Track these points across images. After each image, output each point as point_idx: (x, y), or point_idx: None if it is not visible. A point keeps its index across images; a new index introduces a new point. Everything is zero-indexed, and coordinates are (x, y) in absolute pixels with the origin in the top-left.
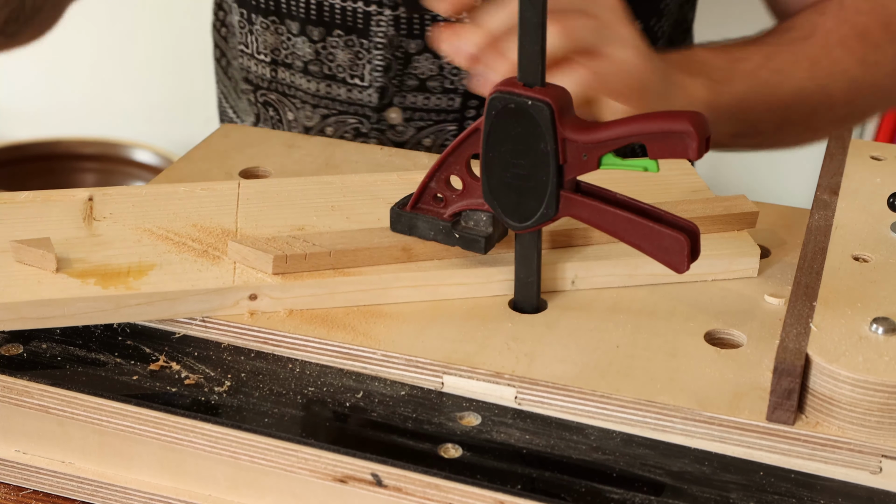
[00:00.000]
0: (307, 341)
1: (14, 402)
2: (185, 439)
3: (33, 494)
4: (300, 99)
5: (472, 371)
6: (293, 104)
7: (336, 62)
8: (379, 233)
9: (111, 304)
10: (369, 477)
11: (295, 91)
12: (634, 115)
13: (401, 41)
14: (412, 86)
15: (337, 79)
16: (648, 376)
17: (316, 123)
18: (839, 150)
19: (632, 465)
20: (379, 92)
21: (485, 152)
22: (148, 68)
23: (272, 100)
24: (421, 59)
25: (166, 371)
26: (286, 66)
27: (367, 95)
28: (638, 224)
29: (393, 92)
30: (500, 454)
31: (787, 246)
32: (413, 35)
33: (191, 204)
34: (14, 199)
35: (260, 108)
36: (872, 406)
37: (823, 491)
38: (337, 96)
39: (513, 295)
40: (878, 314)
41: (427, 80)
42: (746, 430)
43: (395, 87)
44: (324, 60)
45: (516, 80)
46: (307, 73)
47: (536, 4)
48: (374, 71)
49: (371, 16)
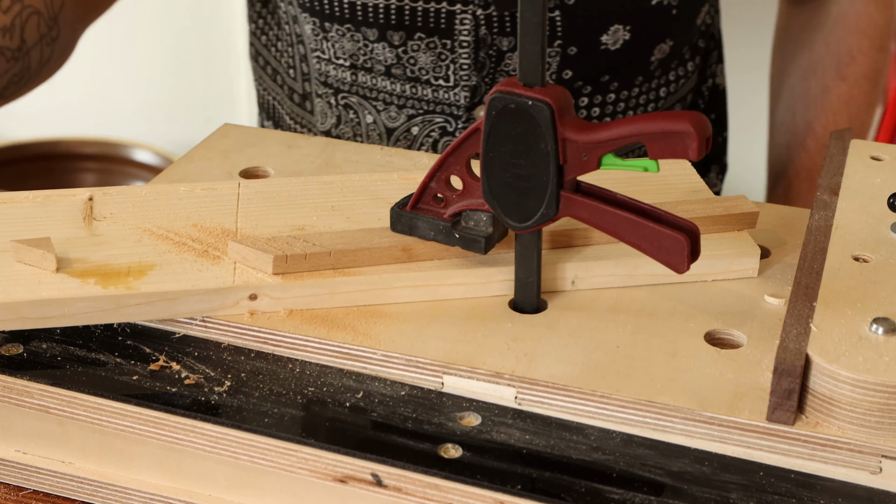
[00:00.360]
0: (307, 341)
1: (14, 402)
2: (185, 439)
3: (33, 494)
4: (383, 101)
5: (472, 371)
6: (374, 106)
7: (418, 65)
8: (379, 233)
9: (111, 304)
10: (369, 477)
11: (377, 93)
12: (634, 116)
13: (493, 39)
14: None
15: (421, 80)
16: (648, 376)
17: (401, 124)
18: (839, 150)
19: (632, 465)
20: (470, 91)
21: (485, 152)
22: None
23: (353, 103)
24: (514, 56)
25: (166, 371)
26: (367, 70)
27: (453, 95)
28: (638, 224)
29: (485, 91)
30: (500, 454)
31: (787, 246)
32: (505, 33)
33: (191, 204)
34: (14, 199)
35: (341, 111)
36: (872, 406)
37: (823, 491)
38: (423, 96)
39: (513, 295)
40: (878, 314)
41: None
42: (746, 431)
43: (488, 86)
44: (406, 64)
45: (516, 80)
46: (390, 75)
47: (536, 4)
48: (461, 70)
49: (455, 15)
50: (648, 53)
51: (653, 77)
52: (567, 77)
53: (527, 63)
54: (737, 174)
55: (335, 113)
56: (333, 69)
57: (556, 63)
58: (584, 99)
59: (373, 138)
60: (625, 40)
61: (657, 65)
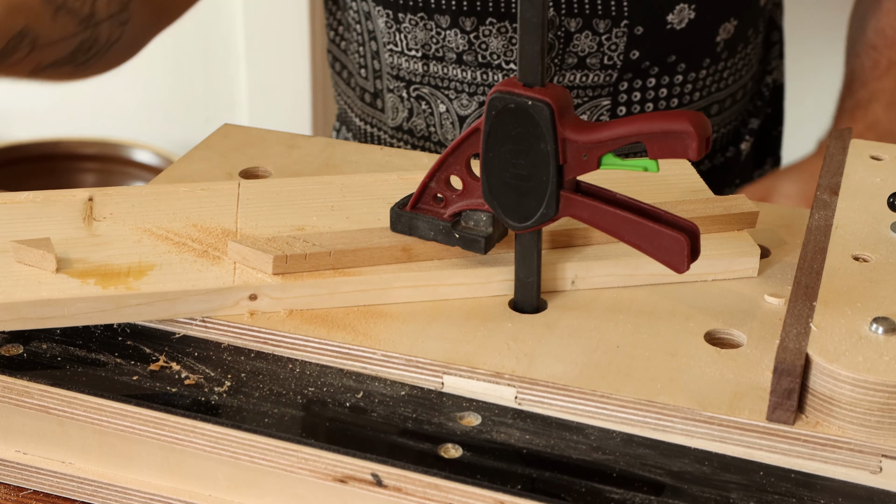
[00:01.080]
0: (307, 341)
1: (14, 402)
2: (185, 439)
3: (33, 494)
4: (454, 89)
5: (472, 371)
6: (447, 95)
7: (490, 50)
8: (379, 233)
9: (111, 304)
10: (369, 477)
11: (448, 82)
12: (634, 116)
13: (561, 21)
14: (571, 64)
15: (492, 66)
16: (648, 376)
17: (473, 111)
18: (839, 150)
19: (632, 465)
20: None
21: (485, 152)
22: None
23: (425, 93)
24: (581, 37)
25: (166, 371)
26: (438, 60)
27: None
28: (638, 224)
29: (553, 72)
30: (500, 454)
31: (787, 246)
32: (573, 13)
33: (191, 204)
34: (14, 199)
35: (413, 103)
36: (872, 406)
37: (823, 491)
38: (494, 82)
39: (513, 295)
40: (878, 314)
41: (586, 56)
42: (746, 430)
43: (556, 67)
44: (477, 50)
45: (516, 80)
46: (461, 63)
47: (536, 4)
48: None
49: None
50: (714, 33)
51: (719, 59)
52: (635, 57)
53: (527, 63)
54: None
55: (406, 106)
56: (406, 61)
57: (623, 43)
58: (651, 80)
59: (446, 127)
60: (690, 19)
61: (723, 46)
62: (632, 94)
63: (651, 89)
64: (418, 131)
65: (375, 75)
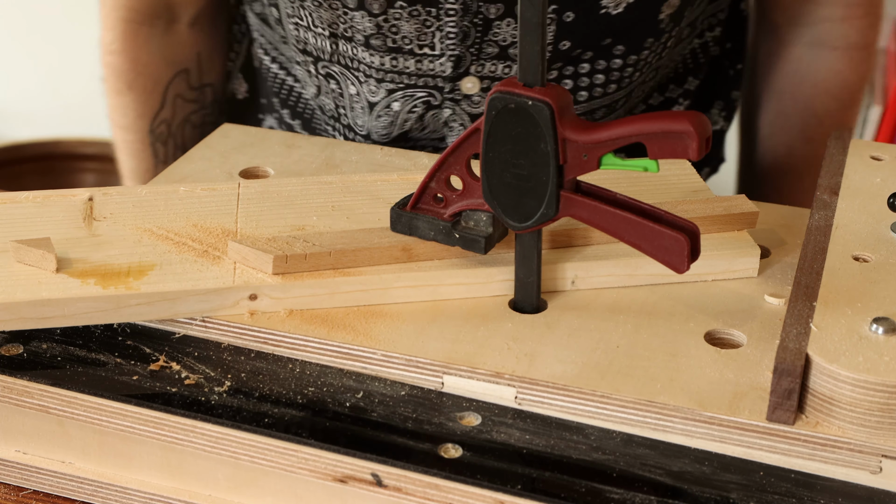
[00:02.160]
0: (307, 341)
1: (14, 402)
2: (185, 439)
3: (33, 494)
4: (363, 73)
5: (472, 371)
6: (356, 77)
7: (401, 34)
8: (379, 233)
9: (111, 304)
10: (369, 477)
11: (358, 64)
12: (634, 116)
13: (479, 6)
14: (491, 53)
15: (404, 51)
16: (648, 376)
17: (381, 99)
18: (839, 150)
19: (632, 465)
20: (454, 61)
21: (485, 152)
22: None
23: (334, 72)
24: (502, 25)
25: (166, 371)
26: (346, 40)
27: (439, 65)
28: (638, 224)
29: (470, 61)
30: (500, 454)
31: (787, 246)
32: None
33: (191, 204)
34: (14, 199)
35: (321, 80)
36: (872, 406)
37: (823, 491)
38: (405, 69)
39: (513, 295)
40: (878, 314)
41: (508, 46)
42: (746, 430)
43: (473, 56)
44: (387, 34)
45: (516, 80)
46: (369, 46)
47: (536, 4)
48: (447, 39)
49: None
50: (656, 11)
51: (663, 33)
52: (564, 48)
53: (527, 63)
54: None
55: (315, 83)
56: (312, 37)
57: (550, 32)
58: (584, 66)
59: (356, 111)
60: (628, 2)
61: (668, 20)
62: (561, 81)
63: (584, 75)
64: (327, 110)
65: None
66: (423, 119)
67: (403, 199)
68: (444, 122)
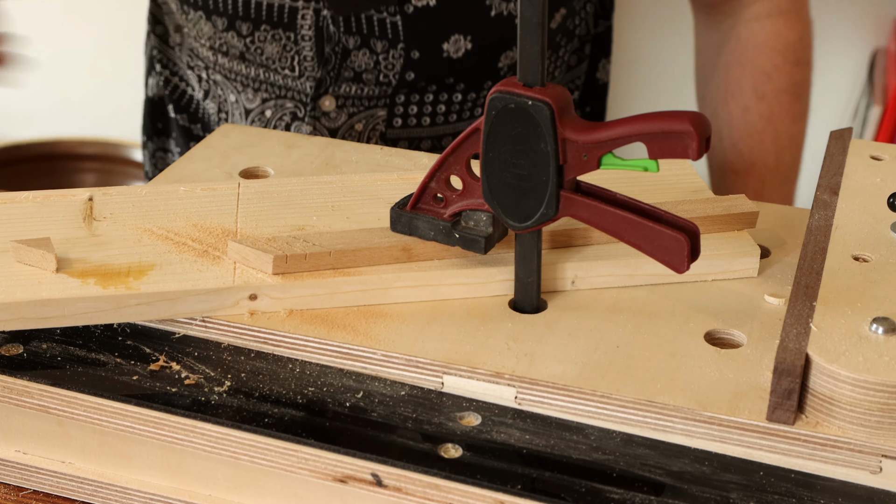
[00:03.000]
0: (307, 341)
1: (14, 402)
2: (185, 439)
3: (33, 494)
4: (241, 83)
5: (472, 371)
6: (235, 87)
7: (265, 54)
8: (379, 233)
9: (111, 304)
10: (369, 477)
11: (235, 75)
12: (634, 116)
13: (339, 37)
14: (347, 77)
15: (270, 68)
16: (648, 376)
17: (257, 106)
18: (839, 150)
19: (632, 465)
20: (315, 82)
21: (485, 152)
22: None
23: (218, 80)
24: (359, 54)
25: (166, 371)
26: (223, 54)
27: (300, 84)
28: (638, 224)
29: (330, 83)
30: (500, 454)
31: (787, 246)
32: (350, 32)
33: (191, 204)
34: (14, 199)
35: (211, 86)
36: (872, 406)
37: (823, 491)
38: (275, 82)
39: (513, 295)
40: (878, 314)
41: (363, 72)
42: (746, 430)
43: (332, 79)
44: (254, 53)
45: (516, 80)
46: (244, 60)
47: (536, 4)
48: (305, 62)
49: (297, 10)
50: (495, 61)
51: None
52: (410, 78)
53: (527, 63)
54: None
55: (203, 87)
56: (199, 47)
57: (399, 64)
58: (429, 96)
59: (234, 117)
60: (467, 49)
61: (507, 70)
62: (408, 107)
63: (429, 104)
64: (211, 113)
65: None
66: (290, 128)
67: (403, 199)
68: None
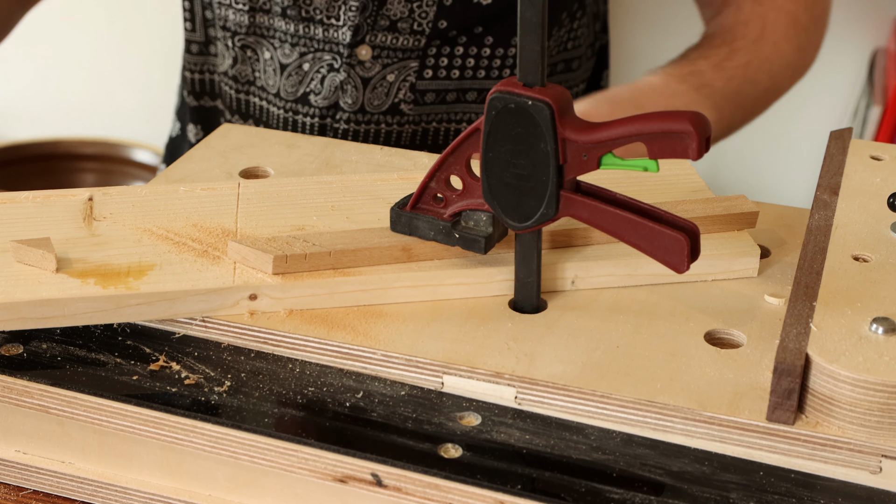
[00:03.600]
0: (307, 341)
1: (14, 402)
2: (185, 439)
3: (33, 494)
4: (279, 39)
5: (472, 371)
6: (271, 44)
7: (314, 5)
8: (379, 233)
9: (111, 304)
10: (369, 477)
11: (273, 32)
12: (634, 116)
13: None
14: (383, 26)
15: (315, 20)
16: (648, 376)
17: (294, 60)
18: (839, 150)
19: (632, 465)
20: (353, 31)
21: (485, 152)
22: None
23: (250, 42)
24: (395, 2)
25: (166, 371)
26: (265, 12)
27: (341, 34)
28: (638, 224)
29: (366, 31)
30: (500, 454)
31: (787, 246)
32: None
33: (191, 204)
34: (14, 199)
35: (237, 52)
36: (872, 406)
37: (823, 491)
38: (315, 35)
39: (513, 295)
40: (878, 314)
41: (398, 21)
42: (746, 430)
43: (368, 27)
44: (301, 5)
45: (516, 80)
46: (285, 16)
47: (536, 4)
48: (350, 11)
49: None
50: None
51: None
52: (443, 27)
53: (527, 63)
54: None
55: (231, 54)
56: (233, 14)
57: (432, 12)
58: (459, 48)
59: (268, 73)
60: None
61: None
62: (439, 59)
63: (458, 57)
64: (243, 77)
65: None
66: (324, 81)
67: (403, 199)
68: (338, 86)
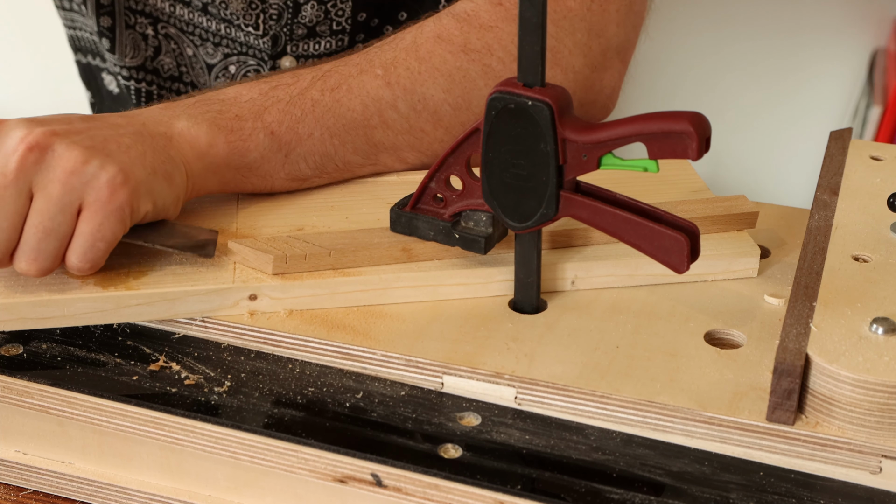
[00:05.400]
0: (307, 341)
1: (14, 402)
2: (185, 439)
3: (33, 494)
4: (199, 36)
5: (472, 371)
6: (192, 41)
7: (230, 9)
8: (379, 233)
9: (111, 305)
10: (369, 477)
11: (194, 28)
12: (635, 116)
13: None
14: (301, 35)
15: (234, 23)
16: (648, 376)
17: (219, 61)
18: (839, 150)
19: (632, 465)
20: (272, 39)
21: (485, 152)
22: None
23: (172, 34)
24: (307, 7)
25: (166, 371)
26: (184, 4)
27: (262, 42)
28: (638, 224)
29: (284, 41)
30: (500, 454)
31: (787, 246)
32: None
33: (191, 204)
34: None
35: (161, 41)
36: (872, 406)
37: (823, 491)
38: (237, 38)
39: (513, 295)
40: (878, 314)
41: (315, 25)
42: (746, 431)
43: (286, 36)
44: (218, 6)
45: (516, 80)
46: (206, 13)
47: (536, 4)
48: (270, 20)
49: None
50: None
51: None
52: (362, 19)
53: (527, 63)
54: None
55: (153, 44)
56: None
57: (349, 7)
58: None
59: (196, 70)
60: None
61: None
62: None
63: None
64: (166, 71)
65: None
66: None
67: (403, 199)
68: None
